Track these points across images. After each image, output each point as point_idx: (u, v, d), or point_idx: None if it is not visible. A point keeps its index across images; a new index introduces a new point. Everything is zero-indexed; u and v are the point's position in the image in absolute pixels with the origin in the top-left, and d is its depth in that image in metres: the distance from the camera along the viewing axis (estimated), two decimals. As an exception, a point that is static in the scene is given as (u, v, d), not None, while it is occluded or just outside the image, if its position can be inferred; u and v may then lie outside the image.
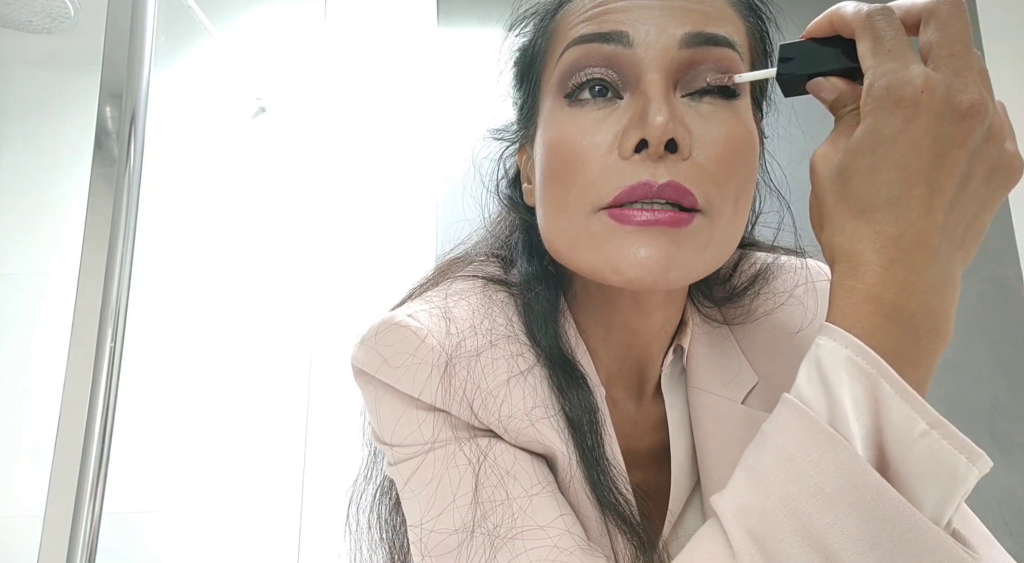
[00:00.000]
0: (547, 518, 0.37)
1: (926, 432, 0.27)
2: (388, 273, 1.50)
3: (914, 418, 0.27)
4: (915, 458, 0.27)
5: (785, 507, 0.28)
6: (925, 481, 0.27)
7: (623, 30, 0.38)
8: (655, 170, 0.36)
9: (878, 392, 0.28)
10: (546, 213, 0.42)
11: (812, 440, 0.29)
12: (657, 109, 0.36)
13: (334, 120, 1.60)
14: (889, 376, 0.28)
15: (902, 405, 0.28)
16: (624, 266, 0.36)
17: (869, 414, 0.28)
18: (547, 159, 0.41)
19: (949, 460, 0.27)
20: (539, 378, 0.42)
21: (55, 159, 1.54)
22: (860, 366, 0.28)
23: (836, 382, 0.29)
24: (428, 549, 0.37)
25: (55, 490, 0.54)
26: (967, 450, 0.27)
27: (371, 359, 0.40)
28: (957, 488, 0.27)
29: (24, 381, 1.42)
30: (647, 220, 0.36)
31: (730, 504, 0.31)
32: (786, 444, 0.30)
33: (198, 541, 1.37)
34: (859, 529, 0.27)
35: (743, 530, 0.29)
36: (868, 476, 0.27)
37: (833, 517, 0.27)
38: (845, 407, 0.28)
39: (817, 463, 0.28)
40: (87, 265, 0.58)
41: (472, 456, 0.39)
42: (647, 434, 0.49)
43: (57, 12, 1.44)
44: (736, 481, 0.32)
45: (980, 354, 1.58)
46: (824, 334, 0.30)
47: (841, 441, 0.28)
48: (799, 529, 0.28)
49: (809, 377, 0.30)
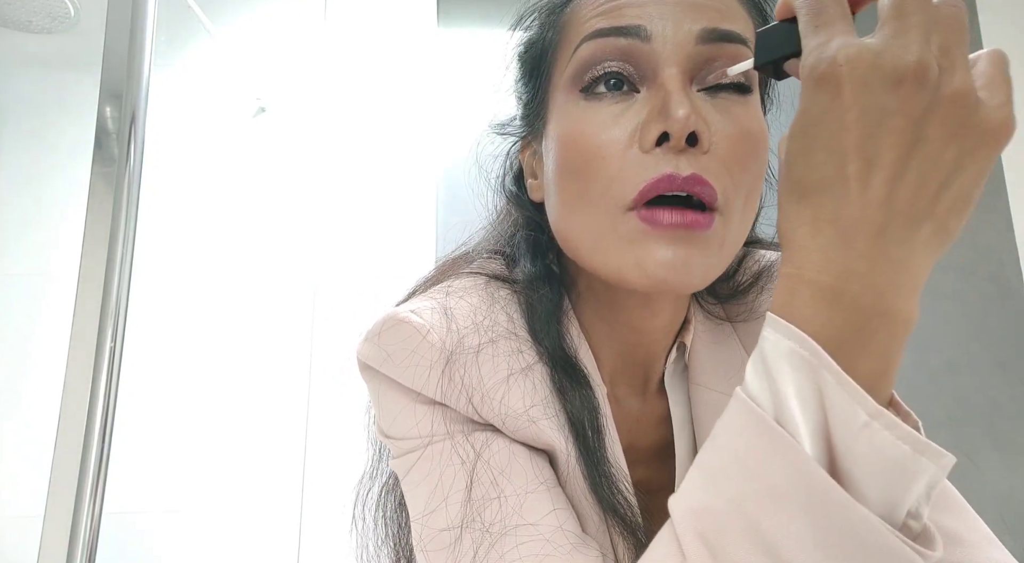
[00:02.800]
0: (540, 515, 0.37)
1: (867, 423, 0.25)
2: (388, 273, 1.50)
3: (854, 410, 0.26)
4: (859, 451, 0.26)
5: (733, 509, 0.28)
6: (870, 475, 0.26)
7: (641, 24, 0.38)
8: (677, 162, 0.36)
9: (821, 383, 0.26)
10: (562, 207, 0.42)
11: (758, 437, 0.28)
12: (679, 102, 0.36)
13: (334, 120, 1.60)
14: (830, 367, 0.26)
15: (843, 396, 0.26)
16: (651, 267, 0.36)
17: (816, 408, 0.27)
18: (563, 153, 0.40)
19: (892, 451, 0.25)
20: (540, 376, 0.42)
21: (55, 159, 1.53)
22: (803, 357, 0.27)
23: (780, 376, 0.27)
24: (424, 543, 0.38)
25: (55, 490, 0.54)
26: (911, 440, 0.25)
27: (375, 354, 0.41)
28: (907, 481, 0.26)
29: (24, 381, 1.42)
30: (675, 223, 0.36)
31: (682, 505, 0.30)
32: (733, 441, 0.29)
33: (198, 541, 1.37)
34: (807, 530, 0.26)
35: (694, 534, 0.29)
36: (814, 473, 0.26)
37: (781, 518, 0.26)
38: (790, 401, 0.27)
39: (764, 461, 0.27)
40: (87, 265, 0.58)
41: (469, 452, 0.39)
42: (650, 431, 0.49)
43: (57, 12, 1.44)
44: (689, 480, 0.31)
45: (979, 354, 1.58)
46: (768, 325, 0.29)
47: (786, 438, 0.27)
48: (749, 531, 0.27)
49: (755, 371, 0.29)
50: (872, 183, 0.27)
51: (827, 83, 0.27)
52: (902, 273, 0.27)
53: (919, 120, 0.26)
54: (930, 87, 0.26)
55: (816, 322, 0.27)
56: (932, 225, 0.27)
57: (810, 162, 0.28)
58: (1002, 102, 0.27)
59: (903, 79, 0.26)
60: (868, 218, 0.27)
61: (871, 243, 0.27)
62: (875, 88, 0.26)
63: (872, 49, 0.26)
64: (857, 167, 0.27)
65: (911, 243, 0.27)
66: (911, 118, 0.26)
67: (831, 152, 0.27)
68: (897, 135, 0.26)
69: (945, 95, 0.26)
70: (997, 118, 0.26)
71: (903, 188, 0.26)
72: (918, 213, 0.27)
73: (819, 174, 0.28)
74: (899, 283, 0.27)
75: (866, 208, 0.27)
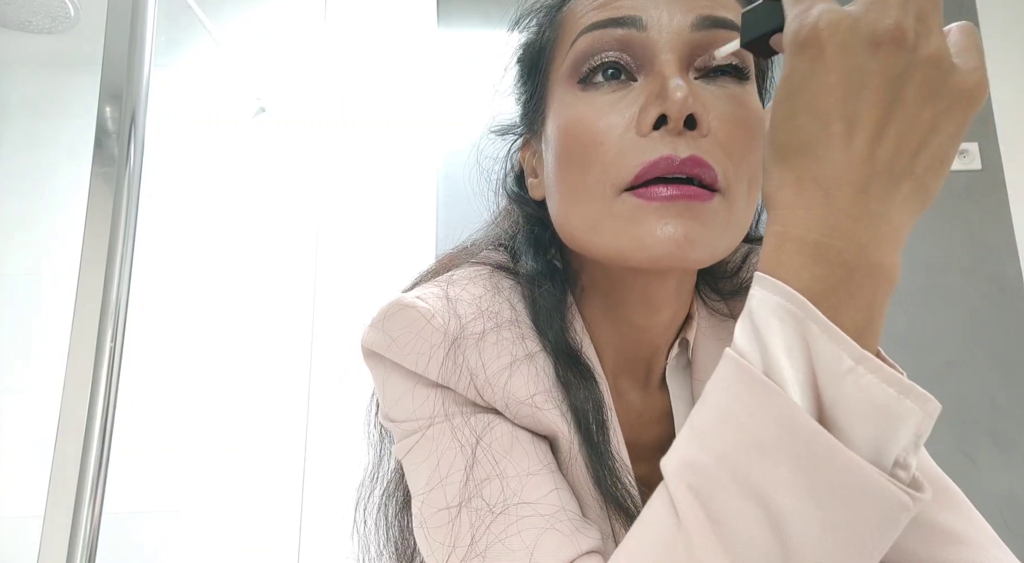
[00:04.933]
0: (541, 494, 0.37)
1: (852, 368, 0.26)
2: (388, 273, 1.50)
3: (840, 355, 0.26)
4: (844, 396, 0.26)
5: (723, 460, 0.28)
6: (857, 419, 0.26)
7: (636, 15, 0.39)
8: (676, 145, 0.36)
9: (807, 334, 0.27)
10: (562, 199, 0.42)
11: (747, 390, 0.28)
12: (676, 85, 0.36)
13: (334, 120, 1.60)
14: (816, 317, 0.27)
15: (828, 344, 0.27)
16: (651, 241, 0.36)
17: (803, 358, 0.27)
18: (562, 143, 0.41)
19: (878, 394, 0.26)
20: (543, 366, 0.42)
21: (55, 159, 1.53)
22: (790, 310, 0.28)
23: (767, 330, 0.28)
24: (424, 518, 0.38)
25: (55, 490, 0.54)
26: (896, 383, 0.26)
27: (379, 339, 0.41)
28: (894, 424, 0.26)
29: (24, 381, 1.42)
30: (672, 195, 0.36)
31: (672, 463, 0.31)
32: (722, 397, 0.29)
33: (198, 541, 1.37)
34: (796, 476, 0.26)
35: (685, 487, 0.29)
36: (801, 421, 0.26)
37: (770, 466, 0.27)
38: (778, 354, 0.28)
39: (752, 413, 0.28)
40: (87, 265, 0.58)
41: (470, 434, 0.39)
42: (652, 426, 0.49)
43: (57, 12, 1.44)
44: (680, 439, 0.31)
45: (980, 354, 1.58)
46: (756, 284, 0.30)
47: (774, 388, 0.27)
48: (738, 481, 0.27)
49: (744, 329, 0.30)
50: (854, 142, 0.28)
51: (809, 47, 0.28)
52: (883, 228, 0.28)
53: (897, 81, 0.27)
54: (907, 50, 0.27)
55: (802, 277, 0.28)
56: (911, 183, 0.28)
57: (794, 125, 0.29)
58: (975, 66, 0.28)
59: (881, 42, 0.27)
60: (850, 176, 0.28)
61: (853, 200, 0.28)
62: (855, 51, 0.27)
63: (851, 14, 0.27)
64: (839, 127, 0.28)
65: (892, 200, 0.28)
66: (890, 79, 0.27)
67: (814, 114, 0.28)
68: (877, 95, 0.27)
69: (922, 58, 0.27)
70: (971, 80, 0.28)
71: (883, 147, 0.28)
72: (898, 171, 0.28)
73: (803, 136, 0.29)
74: (881, 238, 0.28)
75: (848, 166, 0.28)
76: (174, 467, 1.40)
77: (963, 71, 0.28)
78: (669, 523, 0.29)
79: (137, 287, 0.62)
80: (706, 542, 0.27)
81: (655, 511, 0.31)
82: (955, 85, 0.27)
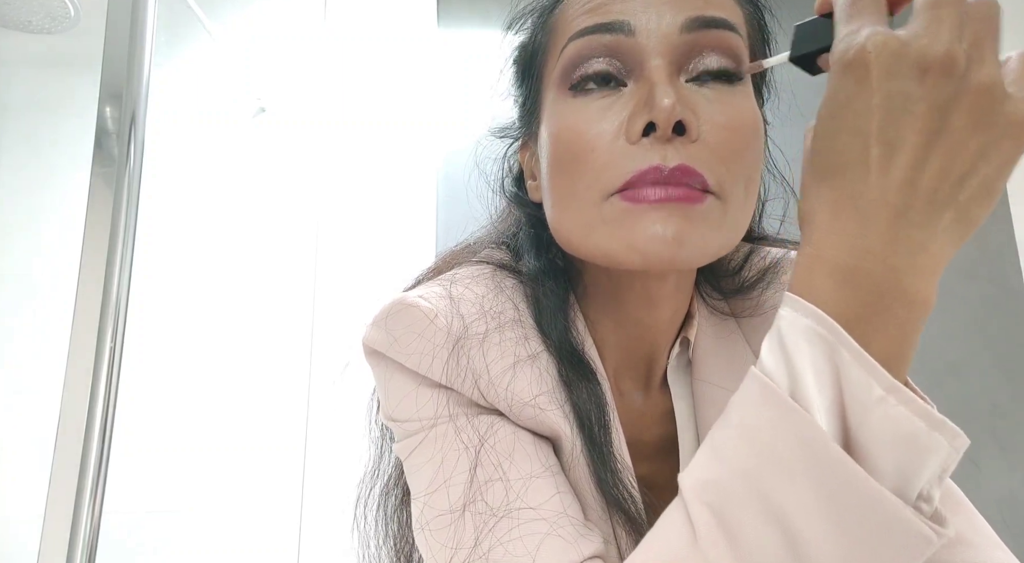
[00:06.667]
0: (543, 498, 0.37)
1: (882, 398, 0.26)
2: (388, 273, 1.50)
3: (870, 384, 0.26)
4: (872, 426, 0.26)
5: (744, 480, 0.28)
6: (884, 449, 0.26)
7: (624, 19, 0.38)
8: (664, 153, 0.36)
9: (837, 360, 0.27)
10: (555, 204, 0.42)
11: (772, 412, 0.28)
12: (664, 92, 0.36)
13: (334, 120, 1.60)
14: (847, 343, 0.26)
15: (859, 371, 0.26)
16: (640, 243, 0.36)
17: (831, 384, 0.27)
18: (554, 150, 0.41)
19: (907, 426, 0.26)
20: (545, 366, 0.42)
21: (55, 159, 1.53)
22: (820, 334, 0.27)
23: (796, 352, 0.28)
24: (426, 521, 0.38)
25: (55, 490, 0.54)
26: (925, 416, 0.26)
27: (382, 338, 0.41)
28: (921, 457, 0.26)
29: (24, 381, 1.42)
30: (661, 197, 0.36)
31: (691, 479, 0.30)
32: (746, 417, 0.29)
33: (198, 541, 1.37)
34: (817, 501, 0.26)
35: (702, 504, 0.29)
36: (826, 446, 0.26)
37: (792, 489, 0.26)
38: (806, 377, 0.27)
39: (776, 435, 0.27)
40: (87, 265, 0.58)
41: (474, 435, 0.39)
42: (654, 426, 0.49)
43: (57, 12, 1.43)
44: (699, 456, 0.31)
45: (980, 354, 1.58)
46: (785, 304, 0.29)
47: (800, 412, 0.27)
48: (758, 502, 0.27)
49: (771, 349, 0.29)
50: (893, 167, 0.27)
51: (855, 68, 0.27)
52: (920, 255, 0.27)
53: (944, 109, 0.27)
54: (956, 77, 0.26)
55: (833, 300, 0.28)
56: (954, 212, 0.27)
57: (834, 145, 0.29)
58: None
59: (929, 68, 0.26)
60: (888, 200, 0.27)
61: (890, 224, 0.27)
62: (901, 75, 0.27)
63: (900, 38, 0.27)
64: (879, 150, 0.27)
65: (931, 228, 0.27)
66: (936, 106, 0.27)
67: (855, 135, 0.28)
68: (921, 121, 0.27)
69: (972, 86, 0.26)
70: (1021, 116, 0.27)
71: (925, 173, 0.27)
72: (940, 199, 0.27)
73: (842, 157, 0.28)
74: (917, 265, 0.27)
75: (886, 190, 0.27)
76: (174, 467, 1.40)
77: (1016, 100, 0.27)
78: (685, 540, 0.29)
79: (137, 287, 0.62)
80: (721, 558, 0.27)
81: (670, 526, 0.30)
82: (1007, 115, 0.27)
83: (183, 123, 1.57)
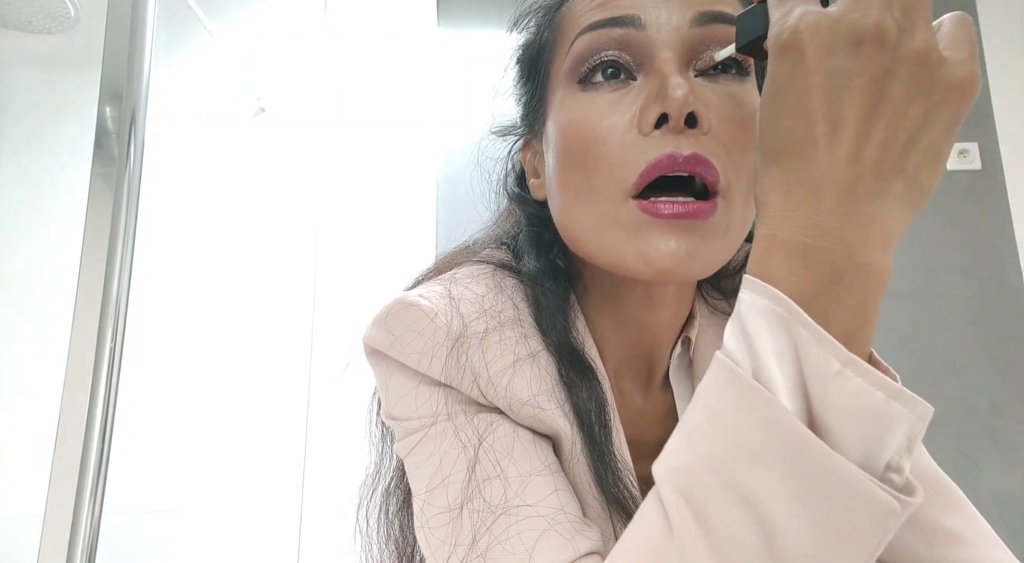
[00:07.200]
0: (542, 496, 0.37)
1: (839, 371, 0.26)
2: (388, 273, 1.50)
3: (827, 359, 0.26)
4: (832, 400, 0.26)
5: (713, 465, 0.28)
6: (845, 423, 0.26)
7: (634, 14, 0.39)
8: (678, 142, 0.36)
9: (796, 338, 0.27)
10: (564, 200, 0.42)
11: (736, 394, 0.28)
12: (676, 83, 0.36)
13: (334, 120, 1.60)
14: (803, 320, 0.27)
15: (816, 348, 0.26)
16: (654, 257, 0.36)
17: (792, 362, 0.27)
18: (564, 144, 0.41)
19: (866, 398, 0.26)
20: (545, 365, 0.42)
21: (55, 159, 1.53)
22: (778, 314, 0.27)
23: (757, 334, 0.28)
24: (425, 519, 0.38)
25: (55, 490, 0.54)
26: (884, 387, 0.26)
27: (382, 337, 0.41)
28: (883, 428, 0.26)
29: (24, 381, 1.42)
30: (676, 213, 0.36)
31: (663, 467, 0.31)
32: (712, 401, 0.29)
33: (198, 541, 1.37)
34: (785, 481, 0.26)
35: (675, 491, 0.29)
36: (790, 425, 0.26)
37: (759, 471, 0.26)
38: (768, 358, 0.27)
39: (741, 418, 0.27)
40: (87, 265, 0.58)
41: (473, 433, 0.39)
42: (654, 425, 0.49)
43: (57, 12, 1.43)
44: (671, 443, 0.31)
45: (979, 354, 1.58)
46: (745, 287, 0.29)
47: (763, 392, 0.27)
48: (727, 486, 0.27)
49: (733, 332, 0.29)
50: (838, 143, 0.27)
51: (790, 51, 0.28)
52: (873, 227, 0.27)
53: (882, 79, 0.27)
54: (890, 47, 0.27)
55: (790, 279, 0.28)
56: (903, 181, 0.28)
57: (779, 128, 0.29)
58: (965, 58, 0.27)
59: (862, 41, 0.27)
60: (836, 176, 0.27)
61: (840, 200, 0.27)
62: (836, 51, 0.27)
63: (831, 15, 0.27)
64: (823, 128, 0.28)
65: (882, 199, 0.27)
66: (873, 78, 0.27)
67: (798, 116, 0.28)
68: (860, 95, 0.27)
69: (906, 54, 0.27)
70: (961, 73, 0.27)
71: (870, 146, 0.27)
72: (887, 169, 0.27)
73: (788, 138, 0.29)
74: (870, 237, 0.27)
75: (834, 167, 0.27)
76: (174, 467, 1.40)
77: (953, 64, 0.27)
78: (660, 528, 0.29)
79: (137, 287, 0.62)
80: (696, 547, 0.27)
81: (647, 516, 0.31)
82: (945, 78, 0.27)
83: (183, 123, 1.57)
